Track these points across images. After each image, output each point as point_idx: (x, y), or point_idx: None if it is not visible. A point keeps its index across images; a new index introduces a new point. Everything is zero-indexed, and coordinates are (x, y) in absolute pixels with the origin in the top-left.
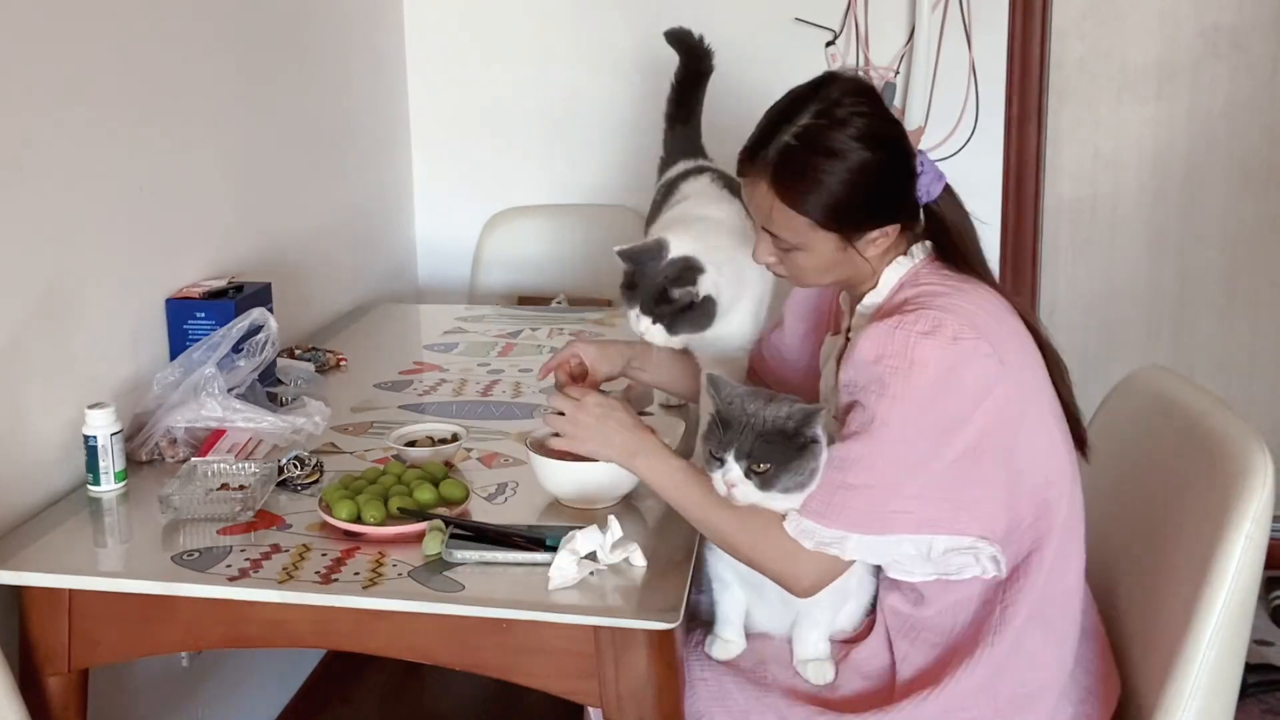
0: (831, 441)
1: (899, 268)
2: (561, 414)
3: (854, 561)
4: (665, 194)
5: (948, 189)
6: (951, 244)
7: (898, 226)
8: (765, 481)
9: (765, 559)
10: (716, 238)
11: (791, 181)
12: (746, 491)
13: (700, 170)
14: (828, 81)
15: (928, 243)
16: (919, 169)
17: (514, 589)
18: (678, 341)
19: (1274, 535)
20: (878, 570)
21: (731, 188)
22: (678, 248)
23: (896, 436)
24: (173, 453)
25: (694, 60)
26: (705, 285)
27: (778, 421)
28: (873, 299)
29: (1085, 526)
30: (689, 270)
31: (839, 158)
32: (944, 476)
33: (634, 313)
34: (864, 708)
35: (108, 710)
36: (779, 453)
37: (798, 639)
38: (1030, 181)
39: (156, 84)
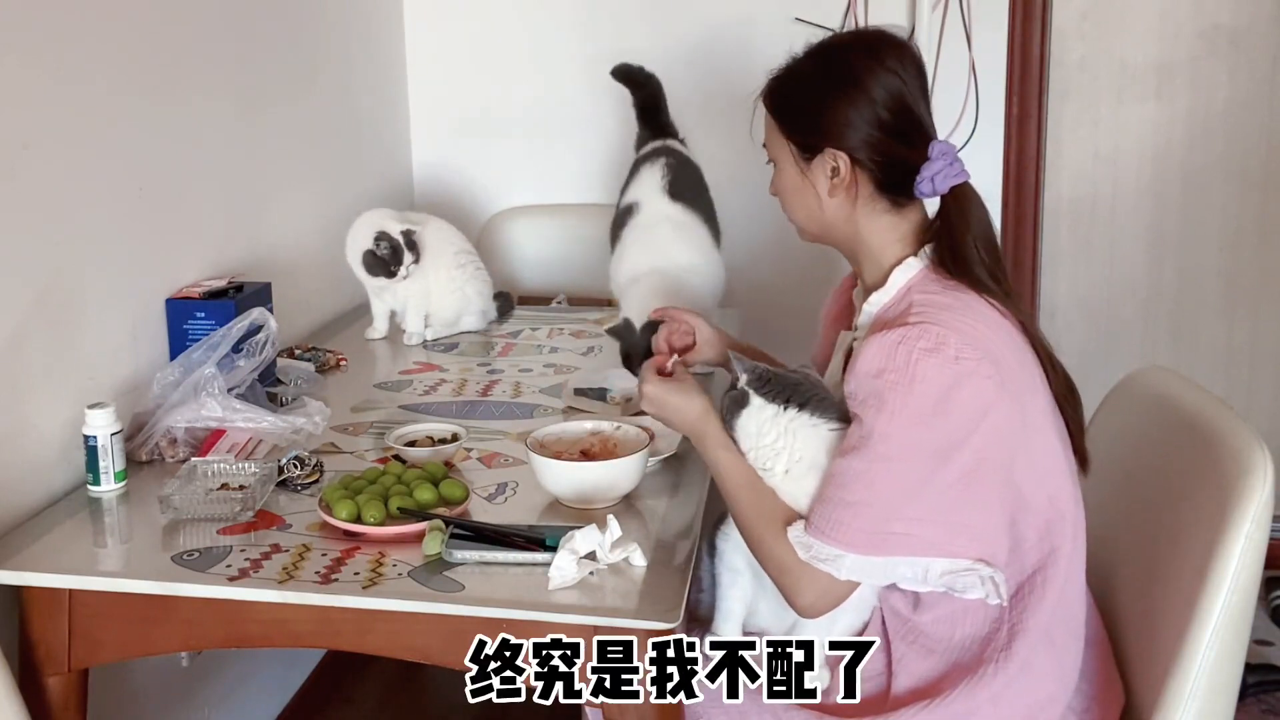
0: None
1: (908, 269)
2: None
3: (855, 585)
4: (622, 221)
5: (966, 192)
6: (953, 248)
7: (849, 164)
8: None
9: (773, 560)
10: (650, 289)
11: (769, 88)
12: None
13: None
14: None
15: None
16: (930, 154)
17: (514, 589)
18: None
19: (1274, 535)
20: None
21: (672, 192)
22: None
23: (895, 454)
24: (173, 453)
25: (639, 88)
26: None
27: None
28: (880, 297)
29: (1085, 534)
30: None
31: (794, 63)
32: (942, 499)
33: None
34: (861, 711)
35: (108, 710)
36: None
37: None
38: (1030, 181)
39: (155, 84)
